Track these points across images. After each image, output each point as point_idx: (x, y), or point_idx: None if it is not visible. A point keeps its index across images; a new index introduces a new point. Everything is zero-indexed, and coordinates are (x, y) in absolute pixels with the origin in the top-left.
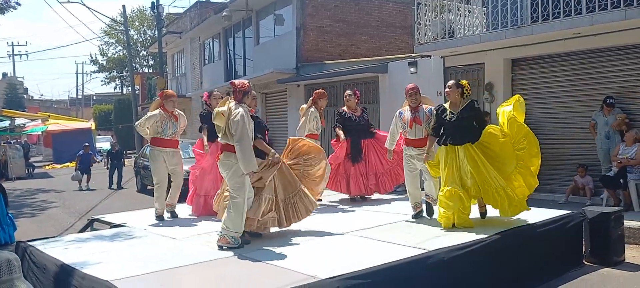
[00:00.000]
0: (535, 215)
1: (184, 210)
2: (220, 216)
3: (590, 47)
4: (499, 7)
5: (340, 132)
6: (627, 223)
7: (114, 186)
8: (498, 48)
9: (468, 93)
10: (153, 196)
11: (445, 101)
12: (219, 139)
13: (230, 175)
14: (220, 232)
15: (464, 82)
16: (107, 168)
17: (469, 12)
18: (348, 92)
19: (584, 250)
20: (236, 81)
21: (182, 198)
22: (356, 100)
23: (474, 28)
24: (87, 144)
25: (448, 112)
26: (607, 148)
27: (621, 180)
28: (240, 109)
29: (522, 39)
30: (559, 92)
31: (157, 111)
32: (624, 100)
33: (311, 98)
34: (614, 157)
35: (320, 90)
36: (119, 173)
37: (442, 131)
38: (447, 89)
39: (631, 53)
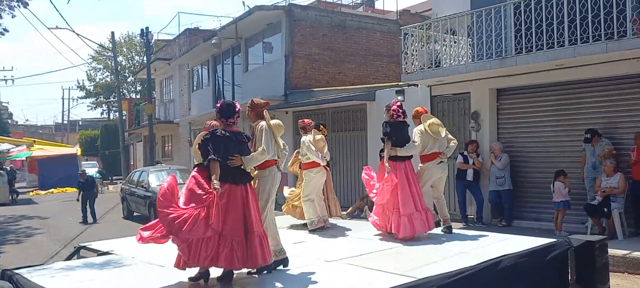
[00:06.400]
0: (522, 243)
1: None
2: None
3: (573, 78)
4: (484, 38)
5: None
6: (611, 251)
7: (90, 220)
8: (483, 78)
9: None
10: (138, 223)
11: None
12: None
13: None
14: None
15: None
16: (78, 200)
17: (455, 42)
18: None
19: (570, 278)
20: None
21: None
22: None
23: (460, 58)
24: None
25: None
26: (593, 177)
27: (605, 209)
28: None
29: (506, 70)
30: (543, 122)
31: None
32: (608, 131)
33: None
34: (597, 188)
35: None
36: (91, 205)
37: None
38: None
39: (613, 84)
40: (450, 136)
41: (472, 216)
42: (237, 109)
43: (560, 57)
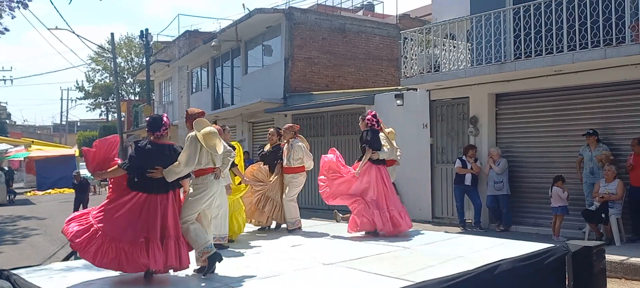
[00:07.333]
0: (519, 248)
1: None
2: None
3: (571, 84)
4: (484, 43)
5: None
6: (609, 257)
7: None
8: (482, 83)
9: None
10: None
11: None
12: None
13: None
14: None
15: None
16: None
17: (454, 47)
18: None
19: (567, 283)
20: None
21: None
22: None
23: (459, 63)
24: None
25: None
26: (591, 183)
27: (603, 215)
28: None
29: (505, 75)
30: (542, 127)
31: None
32: (606, 137)
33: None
34: (595, 193)
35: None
36: (84, 208)
37: None
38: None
39: (611, 90)
40: (396, 145)
41: (470, 221)
42: (163, 122)
43: (559, 62)
